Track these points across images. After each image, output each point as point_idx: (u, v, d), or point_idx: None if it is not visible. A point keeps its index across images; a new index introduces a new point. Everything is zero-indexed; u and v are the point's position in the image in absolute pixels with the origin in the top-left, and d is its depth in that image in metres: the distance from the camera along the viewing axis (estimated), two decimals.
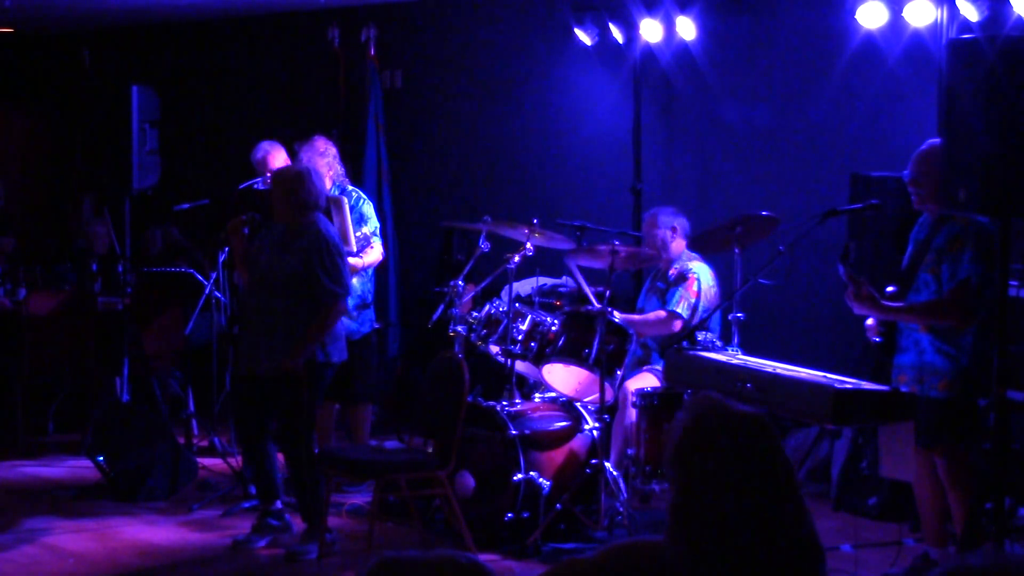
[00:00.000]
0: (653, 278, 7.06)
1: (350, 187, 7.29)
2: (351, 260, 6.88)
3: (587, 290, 6.76)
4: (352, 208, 7.06)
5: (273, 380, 6.03)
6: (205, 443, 8.06)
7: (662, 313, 6.75)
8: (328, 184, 7.15)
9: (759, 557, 2.22)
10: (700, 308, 6.70)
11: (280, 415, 6.08)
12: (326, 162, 7.16)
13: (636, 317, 6.79)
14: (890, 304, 5.19)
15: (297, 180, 6.09)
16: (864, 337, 5.54)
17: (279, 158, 7.42)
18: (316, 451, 6.16)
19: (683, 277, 6.79)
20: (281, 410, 6.07)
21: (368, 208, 7.19)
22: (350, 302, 7.04)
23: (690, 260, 6.87)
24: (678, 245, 6.92)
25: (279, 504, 6.24)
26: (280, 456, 6.30)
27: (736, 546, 2.22)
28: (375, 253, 7.13)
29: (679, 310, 6.68)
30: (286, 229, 6.12)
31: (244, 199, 7.05)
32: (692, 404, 2.37)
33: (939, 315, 5.15)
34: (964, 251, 5.09)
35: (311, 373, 6.04)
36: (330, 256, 6.03)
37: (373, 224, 7.15)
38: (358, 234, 7.02)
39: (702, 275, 6.78)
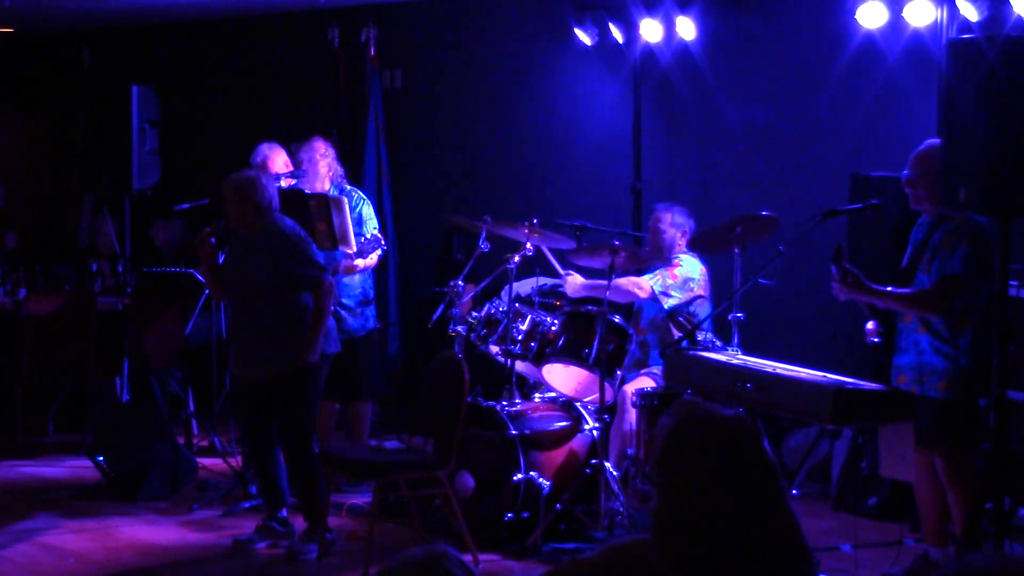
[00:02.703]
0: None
1: (349, 187, 7.29)
2: (356, 263, 6.86)
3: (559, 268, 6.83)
4: (351, 209, 7.06)
5: (275, 382, 6.03)
6: (205, 443, 8.06)
7: (636, 279, 6.70)
8: (327, 185, 7.16)
9: (745, 560, 2.22)
10: (674, 292, 6.64)
11: (282, 414, 6.09)
12: (326, 163, 7.17)
13: (602, 281, 6.65)
14: (875, 286, 5.18)
15: (248, 186, 6.07)
16: (864, 337, 5.54)
17: (279, 160, 7.41)
18: (316, 450, 6.16)
19: (668, 262, 6.79)
20: (283, 409, 6.07)
21: (368, 210, 7.18)
22: (350, 301, 7.05)
23: (682, 253, 6.86)
24: (680, 247, 6.92)
25: (284, 512, 6.25)
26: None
27: (722, 549, 2.22)
28: (372, 256, 7.10)
29: (653, 283, 6.64)
30: (248, 236, 6.12)
31: None
32: (675, 410, 2.37)
33: (920, 305, 5.16)
34: (958, 248, 5.09)
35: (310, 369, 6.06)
36: (294, 244, 6.04)
37: (373, 225, 7.14)
38: (364, 236, 6.99)
39: (687, 264, 6.76)
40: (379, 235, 7.03)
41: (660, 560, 2.26)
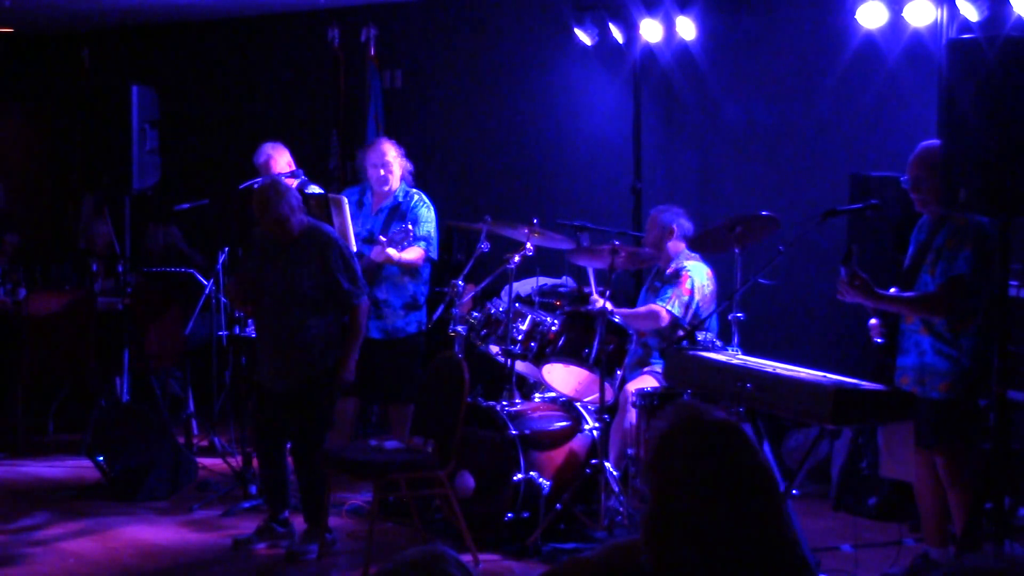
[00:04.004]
0: (652, 277, 7.06)
1: (414, 190, 7.20)
2: (388, 251, 6.79)
3: (593, 288, 6.77)
4: (411, 209, 7.02)
5: (302, 390, 6.04)
6: (205, 443, 8.06)
7: (653, 307, 6.72)
8: (397, 183, 7.10)
9: (737, 566, 2.20)
10: (694, 305, 6.68)
11: (300, 418, 6.09)
12: (399, 163, 7.12)
13: (627, 311, 6.77)
14: (882, 292, 5.18)
15: (284, 190, 6.04)
16: (864, 337, 5.54)
17: (282, 160, 7.40)
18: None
19: (676, 275, 6.78)
20: (303, 413, 6.08)
21: (426, 212, 7.06)
22: (396, 300, 7.02)
23: (687, 259, 6.86)
24: (674, 245, 6.90)
25: (286, 513, 6.25)
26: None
27: (712, 555, 2.21)
28: (415, 252, 7.02)
29: (670, 307, 6.66)
30: (285, 243, 6.06)
31: (245, 199, 7.02)
32: (670, 411, 2.36)
33: (928, 308, 5.15)
34: (962, 249, 5.09)
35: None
36: (343, 257, 6.06)
37: (425, 228, 7.03)
38: (418, 231, 6.95)
39: (696, 273, 6.77)
40: (420, 235, 6.95)
41: (650, 563, 2.25)
